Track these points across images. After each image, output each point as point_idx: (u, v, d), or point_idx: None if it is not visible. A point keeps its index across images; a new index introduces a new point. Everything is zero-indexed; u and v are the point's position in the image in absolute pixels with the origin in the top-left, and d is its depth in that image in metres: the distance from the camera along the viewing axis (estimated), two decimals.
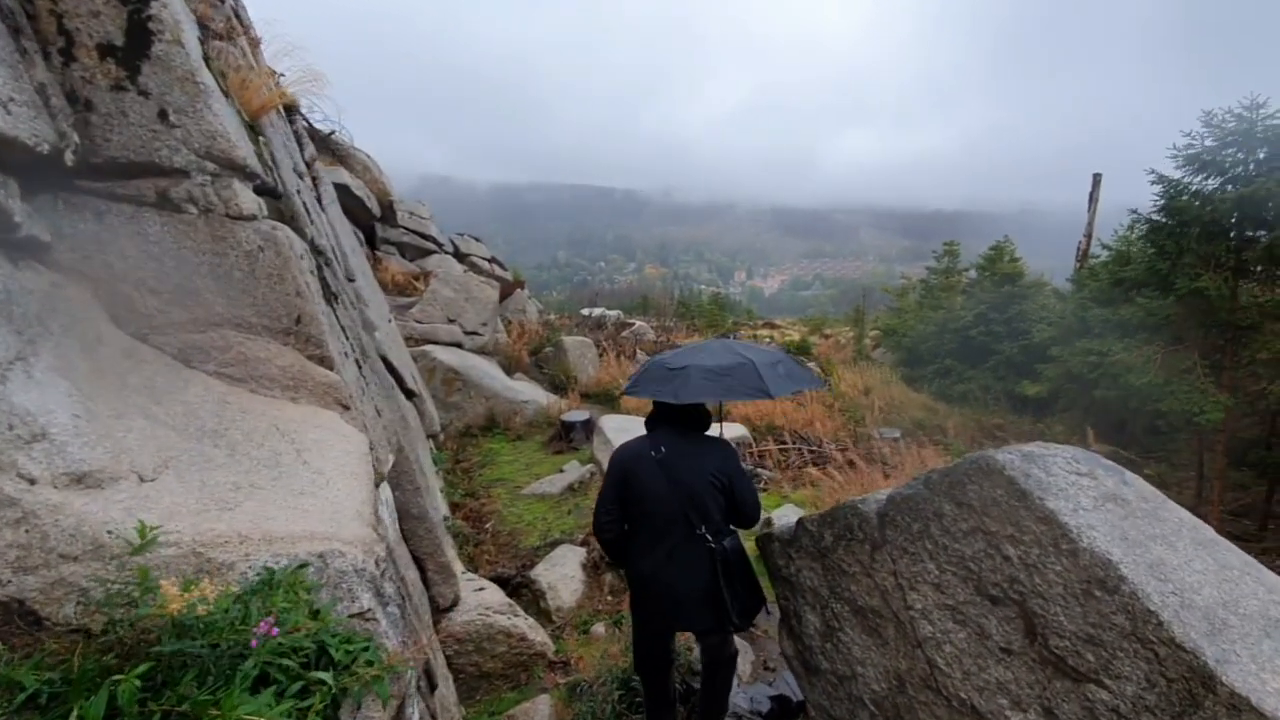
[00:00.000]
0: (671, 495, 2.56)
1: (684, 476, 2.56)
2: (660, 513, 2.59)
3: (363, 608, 1.56)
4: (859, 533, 2.11)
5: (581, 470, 7.76)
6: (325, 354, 2.52)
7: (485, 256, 25.14)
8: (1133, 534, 1.49)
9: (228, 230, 2.34)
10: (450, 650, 3.94)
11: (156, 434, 1.69)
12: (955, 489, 1.79)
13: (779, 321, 40.87)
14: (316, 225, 3.96)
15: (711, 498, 2.56)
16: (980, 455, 1.75)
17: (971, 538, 1.75)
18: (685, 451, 2.63)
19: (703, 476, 2.56)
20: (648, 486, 2.62)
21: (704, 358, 2.75)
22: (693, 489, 2.55)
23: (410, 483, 3.88)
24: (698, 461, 2.60)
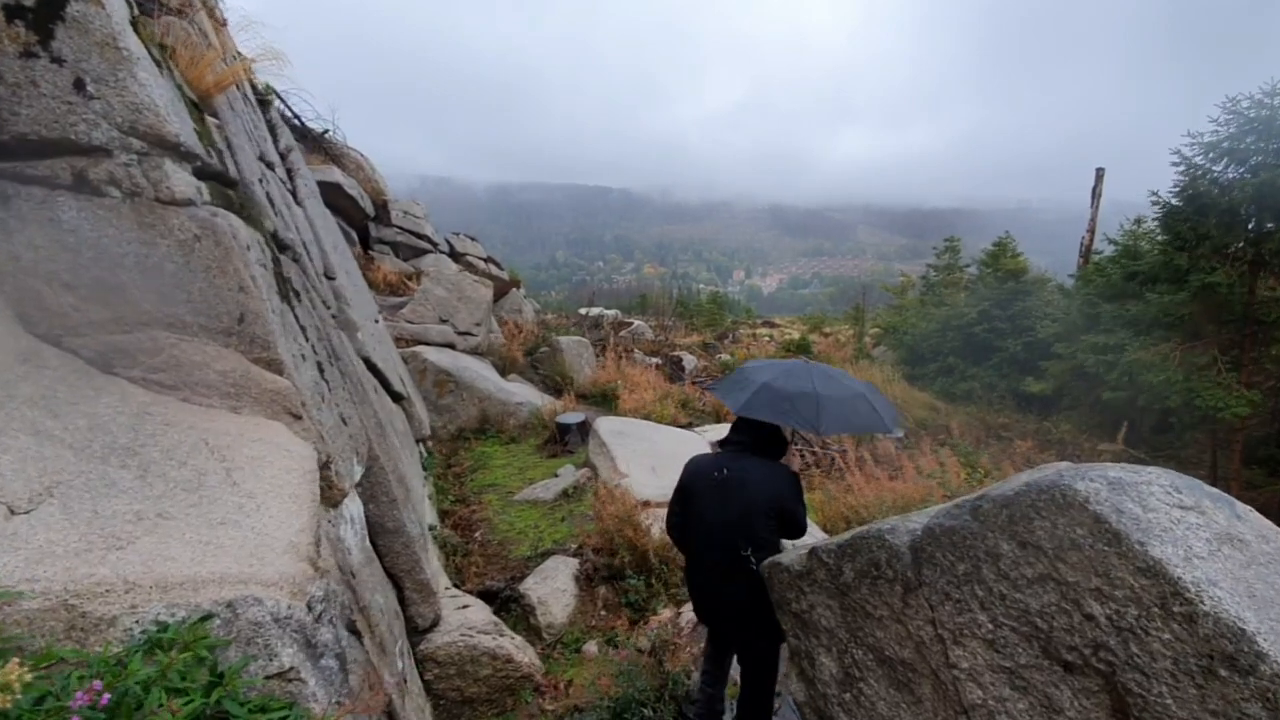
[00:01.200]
0: (723, 517, 2.67)
1: (738, 501, 2.65)
2: (711, 532, 2.71)
3: (283, 666, 1.29)
4: (887, 570, 1.77)
5: (576, 475, 7.48)
6: (274, 357, 2.24)
7: (481, 256, 24.86)
8: (1261, 589, 1.16)
9: (158, 217, 2.06)
10: (430, 674, 3.66)
11: (44, 454, 1.41)
12: (1018, 525, 1.45)
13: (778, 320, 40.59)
14: (284, 218, 3.68)
15: (763, 524, 2.64)
16: (1052, 482, 1.40)
17: (1040, 587, 1.41)
18: (748, 475, 2.68)
19: (759, 503, 2.63)
20: (704, 504, 2.74)
21: (780, 379, 2.80)
22: (747, 514, 2.63)
23: (385, 495, 3.60)
24: (758, 487, 2.65)
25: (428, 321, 11.14)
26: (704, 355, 19.79)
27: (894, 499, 6.21)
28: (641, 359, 16.03)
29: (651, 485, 6.44)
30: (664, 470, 6.91)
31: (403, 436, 6.33)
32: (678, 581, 4.62)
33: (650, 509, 5.86)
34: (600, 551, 4.99)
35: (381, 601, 2.79)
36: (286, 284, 2.79)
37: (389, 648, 2.57)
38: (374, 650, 2.22)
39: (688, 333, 27.04)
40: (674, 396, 11.58)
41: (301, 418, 2.24)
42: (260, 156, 3.89)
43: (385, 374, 6.53)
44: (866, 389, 2.98)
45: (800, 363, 3.04)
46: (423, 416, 8.10)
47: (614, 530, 4.96)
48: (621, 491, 5.54)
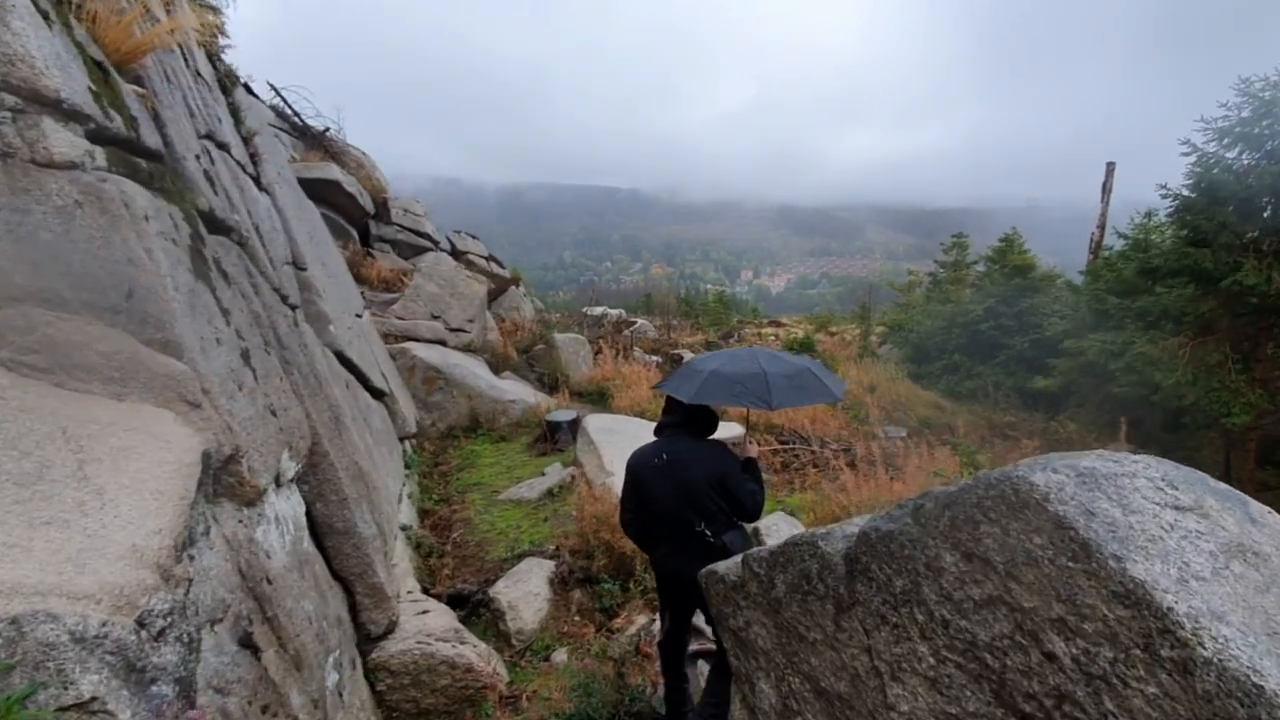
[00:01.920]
0: (672, 497, 2.75)
1: (684, 480, 2.74)
2: (664, 513, 2.79)
3: (80, 695, 1.06)
4: (819, 584, 1.47)
5: (563, 473, 7.25)
6: (169, 338, 2.02)
7: (482, 254, 24.71)
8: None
9: (33, 180, 1.85)
10: (382, 684, 3.44)
11: None
12: (961, 530, 1.15)
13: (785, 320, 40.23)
14: (229, 199, 3.47)
15: (709, 498, 2.72)
16: (1003, 475, 1.11)
17: (989, 613, 1.11)
18: (685, 456, 2.79)
19: (700, 480, 2.72)
20: (653, 490, 2.83)
21: (727, 365, 2.88)
22: (691, 492, 2.72)
23: (335, 493, 3.38)
24: (696, 465, 2.75)
25: (418, 318, 10.95)
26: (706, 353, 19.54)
27: (891, 499, 5.94)
28: (641, 357, 15.79)
29: None
30: None
31: (380, 434, 6.13)
32: (655, 586, 4.38)
33: None
34: (577, 554, 4.76)
35: (311, 609, 2.57)
36: (209, 264, 2.58)
37: (311, 661, 2.34)
38: (280, 666, 2.00)
39: (692, 332, 26.78)
40: None
41: (200, 406, 2.02)
42: (208, 134, 3.69)
43: (362, 369, 6.32)
44: (811, 364, 3.08)
45: (744, 349, 3.21)
46: (406, 414, 7.90)
47: (590, 532, 4.72)
48: (603, 491, 5.31)
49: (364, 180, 19.77)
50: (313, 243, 6.43)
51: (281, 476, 2.69)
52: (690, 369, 2.97)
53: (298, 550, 2.70)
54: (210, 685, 1.57)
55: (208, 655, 1.61)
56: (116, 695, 1.11)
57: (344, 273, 8.49)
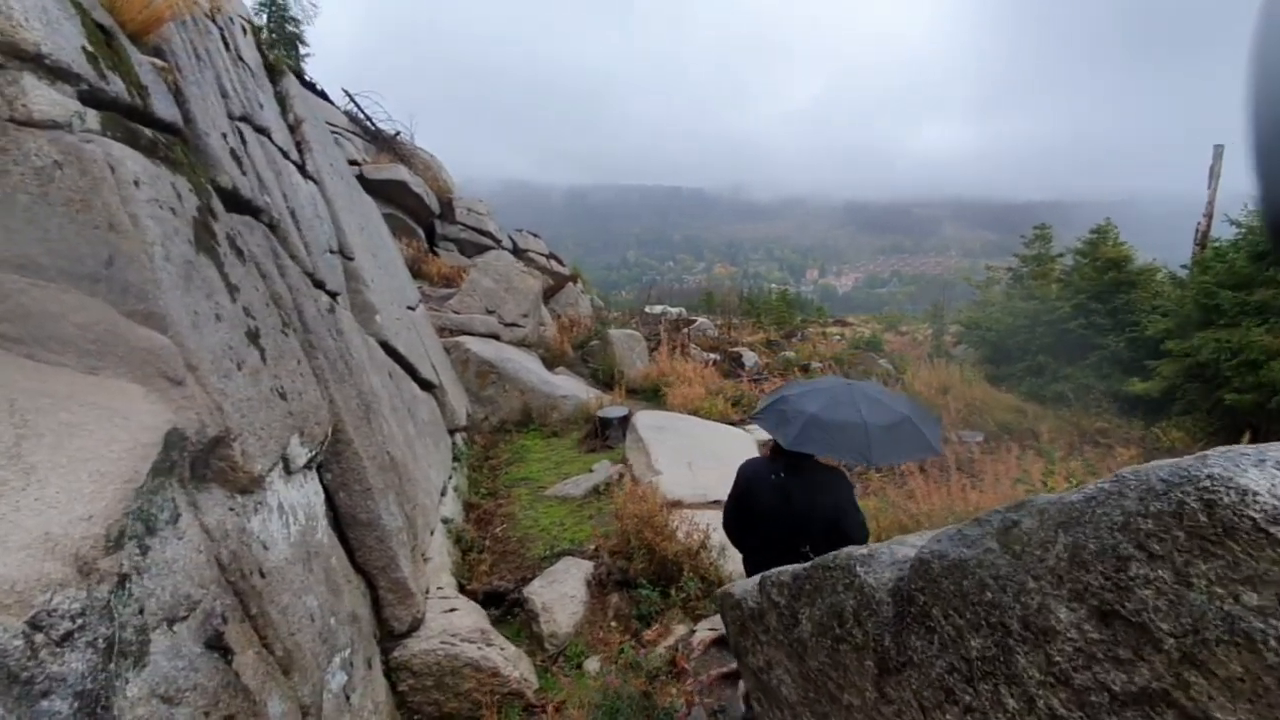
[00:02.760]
0: (782, 515, 2.79)
1: (796, 502, 2.76)
2: (771, 528, 2.83)
3: None
4: (854, 629, 1.06)
5: (611, 470, 7.02)
6: (153, 310, 1.88)
7: (543, 252, 24.99)
8: None
9: (11, 140, 1.73)
10: (404, 685, 3.28)
11: None
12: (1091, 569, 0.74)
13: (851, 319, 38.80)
14: (259, 180, 3.40)
15: (818, 526, 2.71)
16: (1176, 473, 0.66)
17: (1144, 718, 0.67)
18: (802, 479, 2.80)
19: (814, 507, 2.74)
20: (763, 503, 2.87)
21: (827, 410, 2.81)
22: (803, 515, 2.74)
23: (359, 483, 3.25)
24: (812, 491, 2.77)
25: (474, 312, 11.00)
26: (767, 352, 18.94)
27: (966, 509, 5.39)
28: (698, 354, 15.42)
29: (685, 484, 5.89)
30: (702, 468, 6.34)
31: (425, 425, 6.07)
32: (698, 594, 4.06)
33: (681, 510, 5.32)
34: (617, 555, 4.50)
35: (316, 605, 2.40)
36: (218, 239, 2.46)
37: (307, 662, 2.17)
38: (259, 670, 1.82)
39: (753, 331, 26.15)
40: (726, 392, 10.93)
41: (183, 383, 1.87)
42: (244, 116, 3.64)
43: (410, 360, 6.30)
44: (910, 410, 2.97)
45: (842, 383, 3.07)
46: (457, 406, 7.87)
47: (632, 532, 4.45)
48: (648, 490, 5.03)
49: (431, 181, 20.29)
50: (363, 234, 6.45)
51: (291, 463, 2.55)
52: (789, 406, 2.88)
53: (306, 542, 2.55)
54: (155, 694, 1.38)
55: (157, 659, 1.43)
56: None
57: (398, 265, 8.58)
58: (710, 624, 3.74)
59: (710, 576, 4.18)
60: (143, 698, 1.35)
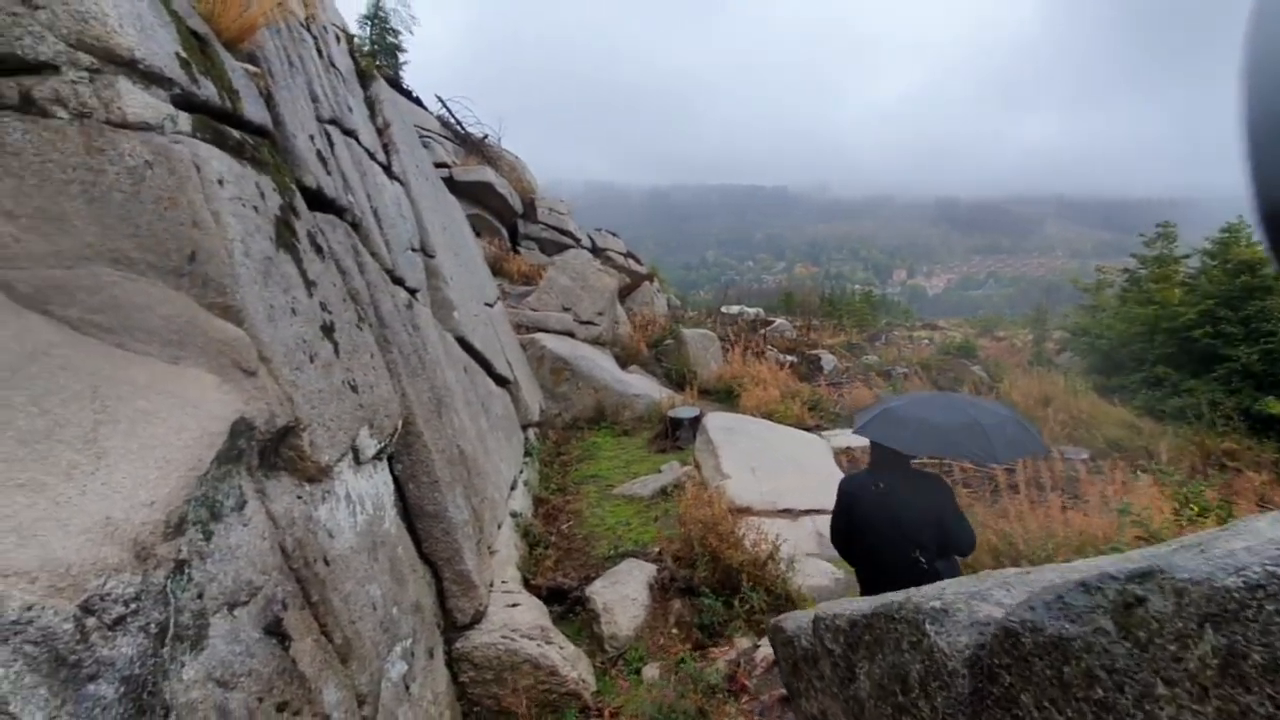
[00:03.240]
0: (889, 526, 2.88)
1: (901, 511, 2.86)
2: (879, 538, 2.92)
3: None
4: (921, 701, 0.90)
5: (679, 472, 6.92)
6: (230, 303, 1.95)
7: (621, 251, 25.20)
8: None
9: (107, 140, 1.84)
10: (465, 676, 3.32)
11: None
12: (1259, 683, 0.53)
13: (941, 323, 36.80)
14: (343, 179, 3.53)
15: (925, 532, 2.82)
16: None
17: None
18: (904, 488, 2.91)
19: (917, 515, 2.84)
20: (869, 516, 2.96)
21: (937, 412, 2.92)
22: (909, 522, 2.84)
23: (427, 475, 3.31)
24: (915, 498, 2.87)
25: (550, 309, 11.19)
26: (847, 356, 18.24)
27: (1067, 535, 4.91)
28: (775, 356, 15.03)
29: (754, 490, 5.71)
30: (772, 474, 6.13)
31: (498, 420, 6.19)
32: (763, 607, 3.90)
33: (748, 517, 5.15)
34: (680, 560, 4.40)
35: (379, 594, 2.45)
36: (298, 236, 2.55)
37: (366, 651, 2.21)
38: (317, 658, 1.85)
39: (834, 333, 25.30)
40: (802, 396, 10.57)
41: (255, 374, 1.94)
42: (332, 120, 3.81)
43: (486, 356, 6.44)
44: (1009, 411, 3.04)
45: (940, 395, 3.24)
46: (530, 402, 8.01)
47: (696, 538, 4.34)
48: (714, 495, 4.90)
49: (515, 182, 20.89)
50: (446, 233, 6.67)
51: (361, 454, 2.61)
52: (898, 414, 2.97)
53: (373, 531, 2.61)
54: (211, 677, 1.42)
55: (215, 643, 1.47)
56: (28, 694, 0.94)
57: (479, 263, 8.83)
58: None
59: (777, 590, 4.00)
60: (198, 680, 1.38)
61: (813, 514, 5.56)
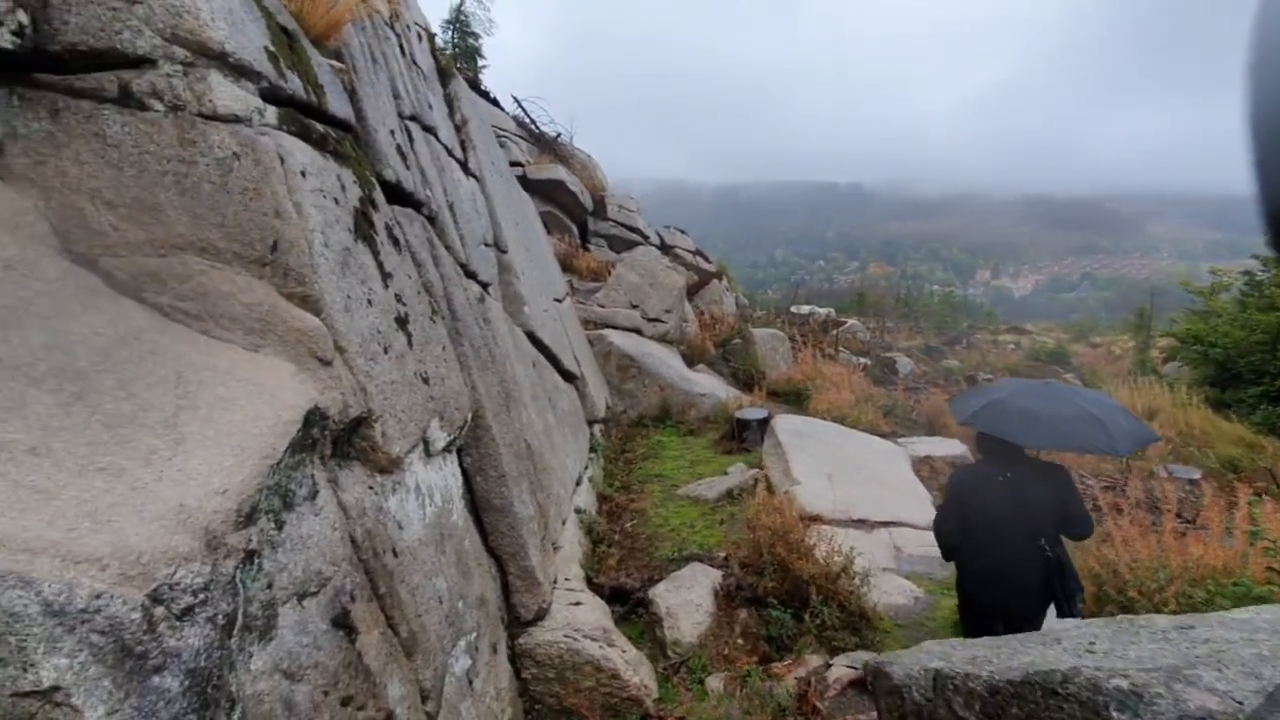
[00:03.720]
0: (1015, 515, 2.95)
1: (1029, 500, 2.96)
2: (1002, 530, 2.98)
3: (39, 682, 0.88)
4: None
5: (746, 475, 6.73)
6: (309, 293, 1.97)
7: (689, 248, 25.03)
8: None
9: (199, 132, 1.89)
10: (527, 672, 3.30)
11: None
12: None
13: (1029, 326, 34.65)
14: (421, 174, 3.57)
15: (1048, 517, 2.94)
16: None
17: None
18: (1030, 476, 3.00)
19: (1043, 502, 2.95)
20: (991, 507, 3.02)
21: (1043, 404, 2.96)
22: (1037, 511, 2.94)
23: (494, 469, 3.31)
24: (1042, 487, 2.97)
25: (618, 306, 11.18)
26: (924, 359, 17.41)
27: (1182, 564, 4.43)
28: (847, 358, 14.51)
29: (825, 498, 5.46)
30: (845, 482, 5.86)
31: (565, 415, 6.20)
32: (835, 623, 3.69)
33: (819, 526, 4.93)
34: (747, 568, 4.25)
35: (445, 587, 2.44)
36: (376, 228, 2.58)
37: (431, 645, 2.20)
38: (383, 651, 1.84)
39: (910, 335, 24.26)
40: (876, 400, 10.11)
41: (331, 363, 1.94)
42: (413, 116, 3.87)
43: (554, 351, 6.47)
44: (1115, 402, 3.14)
45: (1042, 384, 3.26)
46: (597, 398, 8.00)
47: (765, 545, 4.17)
48: (783, 501, 4.71)
49: (586, 180, 21.12)
50: (518, 229, 6.74)
51: (431, 446, 2.62)
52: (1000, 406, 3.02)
53: (441, 524, 2.61)
54: (278, 668, 1.41)
55: (284, 633, 1.46)
56: (92, 686, 0.93)
57: (549, 259, 8.91)
58: (849, 660, 3.38)
59: (850, 606, 3.78)
60: (266, 671, 1.37)
61: (889, 526, 5.27)
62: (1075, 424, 2.82)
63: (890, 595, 4.19)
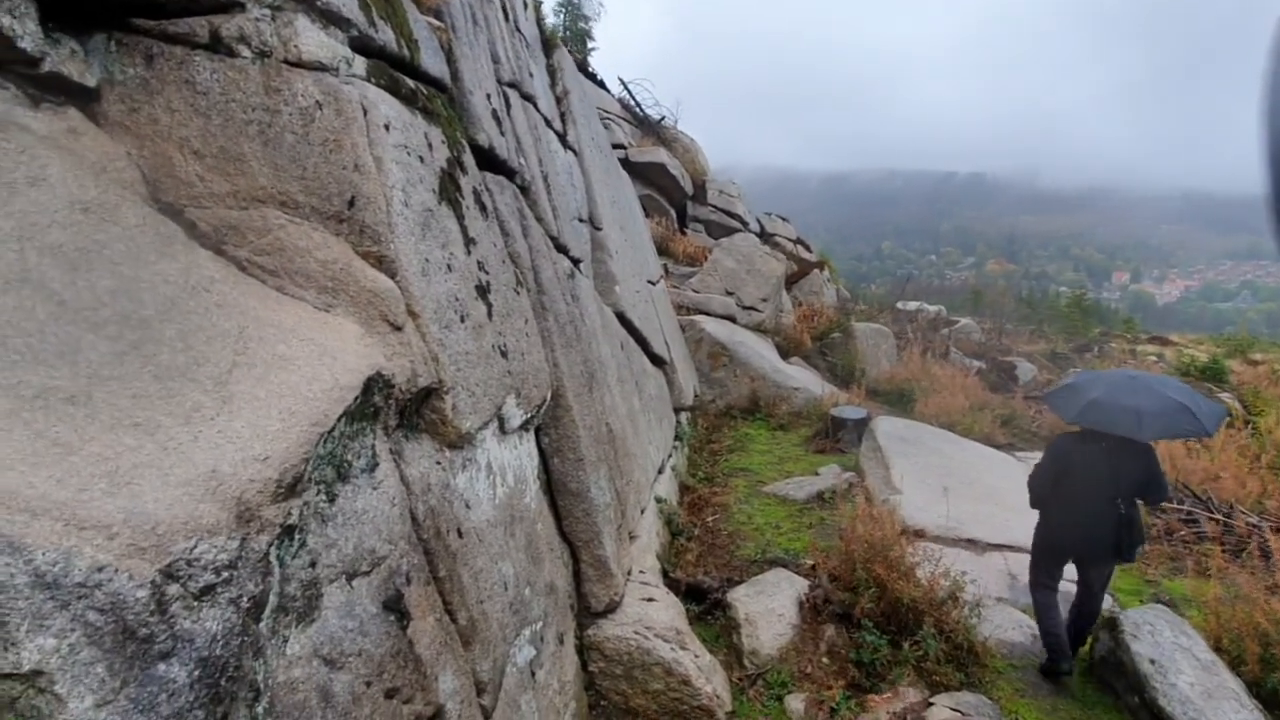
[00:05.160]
0: (1104, 476, 3.42)
1: (1118, 467, 3.41)
2: (1091, 488, 3.46)
3: (18, 663, 0.77)
4: None
5: (840, 477, 6.28)
6: (384, 253, 1.86)
7: (791, 237, 24.18)
8: None
9: (284, 80, 1.81)
10: (594, 666, 3.15)
11: (19, 305, 1.14)
12: None
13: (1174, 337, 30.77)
14: (515, 141, 3.46)
15: (1131, 485, 3.41)
16: None
17: None
18: (1123, 453, 3.42)
19: (1132, 469, 3.40)
20: (1083, 469, 3.50)
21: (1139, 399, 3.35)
22: (1123, 476, 3.40)
23: (572, 451, 3.17)
24: (1131, 461, 3.40)
25: (713, 292, 10.85)
26: (1049, 367, 15.80)
27: None
28: (959, 359, 13.39)
29: (932, 512, 4.95)
30: (957, 495, 5.30)
31: (651, 400, 6.02)
32: (939, 656, 3.28)
33: (922, 543, 4.47)
34: (838, 581, 3.89)
35: (511, 573, 2.31)
36: (463, 191, 2.46)
37: (493, 634, 2.07)
38: (437, 639, 1.71)
39: (1032, 339, 22.18)
40: (993, 408, 9.21)
41: (402, 328, 1.82)
42: (512, 83, 3.76)
43: (644, 333, 6.29)
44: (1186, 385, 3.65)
45: (1127, 375, 3.66)
46: (685, 385, 7.77)
47: (860, 560, 3.79)
48: (884, 512, 4.28)
49: (688, 164, 20.80)
50: (614, 208, 6.58)
51: (506, 423, 2.49)
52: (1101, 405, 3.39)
53: (512, 505, 2.48)
54: (318, 654, 1.29)
55: (328, 615, 1.35)
56: (81, 672, 0.82)
57: (645, 240, 8.72)
58: (954, 700, 2.97)
59: (959, 639, 3.35)
60: (303, 656, 1.26)
61: (1004, 550, 4.69)
62: (1175, 415, 3.24)
63: (1004, 630, 3.70)
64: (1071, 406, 3.51)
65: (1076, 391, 3.62)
